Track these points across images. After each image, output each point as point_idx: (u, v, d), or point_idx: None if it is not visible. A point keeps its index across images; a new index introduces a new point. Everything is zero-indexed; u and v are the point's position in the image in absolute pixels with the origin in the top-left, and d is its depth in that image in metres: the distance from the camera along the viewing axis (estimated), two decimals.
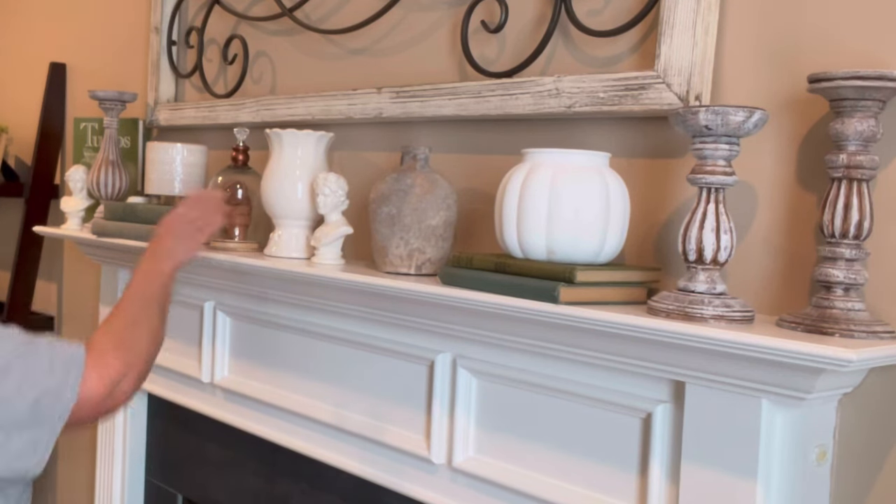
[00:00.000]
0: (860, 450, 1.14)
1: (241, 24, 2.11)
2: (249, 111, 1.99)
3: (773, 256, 1.22)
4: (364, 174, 1.75)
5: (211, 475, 1.98)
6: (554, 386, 1.29)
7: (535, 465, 1.33)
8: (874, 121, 1.07)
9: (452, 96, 1.55)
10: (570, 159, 1.24)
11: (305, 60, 1.95)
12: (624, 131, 1.38)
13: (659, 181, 1.34)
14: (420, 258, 1.44)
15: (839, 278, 1.07)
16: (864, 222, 1.07)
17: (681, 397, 1.14)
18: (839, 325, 1.04)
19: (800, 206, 1.19)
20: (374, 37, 1.78)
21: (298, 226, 1.65)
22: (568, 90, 1.39)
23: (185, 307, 1.99)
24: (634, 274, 1.25)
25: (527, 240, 1.23)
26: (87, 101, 2.27)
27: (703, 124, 1.07)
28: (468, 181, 1.58)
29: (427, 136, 1.65)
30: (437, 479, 1.46)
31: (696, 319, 1.07)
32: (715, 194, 1.10)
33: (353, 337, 1.58)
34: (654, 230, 1.35)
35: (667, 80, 1.28)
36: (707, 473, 1.11)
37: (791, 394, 1.03)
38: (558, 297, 1.16)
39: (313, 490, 1.73)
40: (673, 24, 1.27)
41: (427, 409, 1.47)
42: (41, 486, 2.83)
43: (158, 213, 1.88)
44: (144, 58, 2.40)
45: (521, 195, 1.23)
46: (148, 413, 2.19)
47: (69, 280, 2.79)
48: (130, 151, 2.35)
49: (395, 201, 1.44)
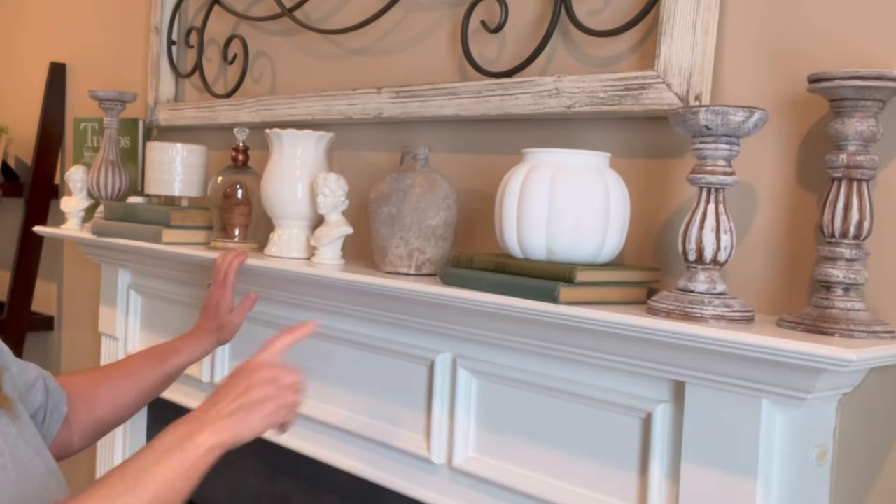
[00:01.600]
0: (860, 450, 1.14)
1: (241, 24, 2.11)
2: (249, 111, 1.99)
3: (773, 256, 1.22)
4: (364, 174, 1.75)
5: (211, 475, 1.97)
6: (554, 386, 1.29)
7: (535, 465, 1.33)
8: (874, 121, 1.07)
9: (452, 96, 1.55)
10: (570, 159, 1.24)
11: (305, 60, 1.95)
12: (624, 131, 1.38)
13: (659, 181, 1.34)
14: (420, 258, 1.44)
15: (839, 278, 1.07)
16: (864, 222, 1.07)
17: (681, 397, 1.14)
18: (839, 325, 1.04)
19: (800, 206, 1.19)
20: (374, 37, 1.78)
21: (298, 226, 1.65)
22: (568, 90, 1.39)
23: (184, 307, 1.99)
24: (634, 274, 1.25)
25: (527, 240, 1.23)
26: (87, 101, 2.27)
27: (703, 124, 1.07)
28: (468, 181, 1.57)
29: (427, 136, 1.65)
30: (437, 479, 1.46)
31: (696, 319, 1.07)
32: (715, 194, 1.10)
33: (353, 337, 1.58)
34: (654, 230, 1.35)
35: (667, 80, 1.28)
36: (707, 473, 1.11)
37: (791, 394, 1.03)
38: (558, 297, 1.16)
39: (313, 490, 1.73)
40: (673, 24, 1.27)
41: (427, 409, 1.47)
42: None
43: (158, 213, 1.89)
44: (144, 58, 2.40)
45: (521, 195, 1.23)
46: (148, 413, 2.19)
47: (69, 280, 2.79)
48: (130, 151, 2.35)
49: (395, 201, 1.44)
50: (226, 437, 0.99)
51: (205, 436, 0.98)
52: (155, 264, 2.00)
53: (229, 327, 1.53)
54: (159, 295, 2.09)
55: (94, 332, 2.38)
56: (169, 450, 0.97)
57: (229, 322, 1.53)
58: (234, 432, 1.00)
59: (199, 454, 0.98)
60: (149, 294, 2.13)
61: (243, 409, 1.02)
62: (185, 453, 0.97)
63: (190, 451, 0.97)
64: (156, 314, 2.12)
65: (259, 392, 1.04)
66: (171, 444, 0.97)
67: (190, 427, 0.99)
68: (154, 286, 2.10)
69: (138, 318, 2.18)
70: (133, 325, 2.18)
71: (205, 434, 0.98)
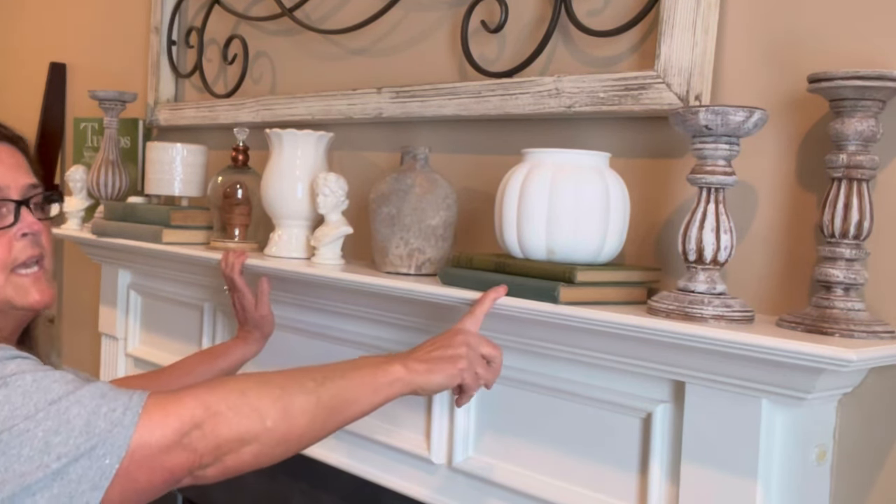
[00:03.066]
0: (860, 450, 1.14)
1: (241, 24, 2.11)
2: (249, 111, 1.99)
3: (773, 256, 1.22)
4: (364, 174, 1.75)
5: None
6: (554, 386, 1.29)
7: (535, 465, 1.33)
8: (874, 121, 1.07)
9: (452, 96, 1.55)
10: (570, 159, 1.24)
11: (305, 60, 1.94)
12: (624, 131, 1.38)
13: (659, 181, 1.34)
14: (420, 258, 1.44)
15: (839, 278, 1.07)
16: (863, 222, 1.07)
17: (681, 397, 1.14)
18: (839, 325, 1.04)
19: (800, 206, 1.19)
20: (374, 37, 1.78)
21: (298, 226, 1.65)
22: (568, 90, 1.39)
23: (183, 307, 1.99)
24: (634, 274, 1.25)
25: (527, 240, 1.23)
26: (87, 101, 2.27)
27: (703, 124, 1.07)
28: (468, 181, 1.57)
29: (427, 136, 1.65)
30: (437, 479, 1.46)
31: (696, 319, 1.07)
32: (715, 194, 1.10)
33: (354, 337, 1.58)
34: (654, 230, 1.35)
35: (667, 80, 1.28)
36: (707, 473, 1.11)
37: (791, 394, 1.03)
38: (558, 297, 1.16)
39: (313, 490, 1.73)
40: (673, 24, 1.27)
41: (427, 409, 1.47)
42: None
43: (158, 213, 1.89)
44: (144, 58, 2.40)
45: (521, 195, 1.23)
46: None
47: (69, 280, 2.79)
48: (130, 151, 2.35)
49: (395, 201, 1.43)
50: (415, 378, 1.08)
51: (397, 367, 1.07)
52: (155, 264, 2.00)
53: (264, 321, 1.58)
54: (159, 295, 2.09)
55: (94, 332, 2.38)
56: (363, 367, 1.06)
57: (261, 318, 1.58)
58: (422, 377, 1.09)
59: (388, 380, 1.06)
60: (149, 294, 2.13)
61: (437, 360, 1.11)
62: (377, 372, 1.05)
63: (381, 374, 1.06)
64: (156, 314, 2.12)
65: (455, 350, 1.13)
66: (366, 363, 1.07)
67: (389, 358, 1.10)
68: (154, 286, 2.10)
69: (138, 318, 2.18)
70: (133, 325, 2.18)
71: (398, 366, 1.07)
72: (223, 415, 0.93)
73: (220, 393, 0.94)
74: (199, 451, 0.91)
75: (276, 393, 0.97)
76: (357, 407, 1.04)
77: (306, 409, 0.99)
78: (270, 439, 0.96)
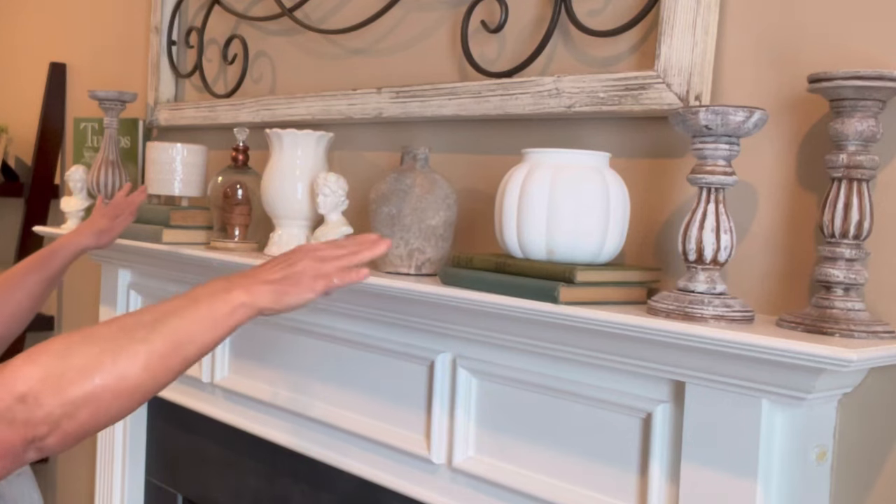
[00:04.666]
0: (860, 450, 1.14)
1: (241, 24, 2.11)
2: (249, 111, 1.99)
3: (773, 256, 1.22)
4: (364, 174, 1.75)
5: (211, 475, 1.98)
6: (554, 386, 1.29)
7: (535, 465, 1.33)
8: (874, 121, 1.07)
9: (452, 96, 1.55)
10: (570, 159, 1.24)
11: (305, 60, 1.95)
12: (624, 131, 1.38)
13: (659, 181, 1.34)
14: (420, 258, 1.45)
15: (839, 278, 1.07)
16: (864, 222, 1.07)
17: (681, 397, 1.14)
18: (839, 325, 1.04)
19: (800, 206, 1.19)
20: (374, 37, 1.78)
21: (298, 226, 1.65)
22: (568, 90, 1.39)
23: None
24: (634, 274, 1.25)
25: (527, 240, 1.23)
26: (87, 101, 2.27)
27: (703, 124, 1.07)
28: (468, 181, 1.58)
29: (427, 136, 1.65)
30: (437, 479, 1.46)
31: (696, 319, 1.07)
32: (715, 194, 1.10)
33: (353, 337, 1.58)
34: (654, 230, 1.35)
35: (667, 80, 1.28)
36: (707, 473, 1.11)
37: (791, 394, 1.03)
38: (558, 297, 1.16)
39: (313, 490, 1.73)
40: (673, 24, 1.27)
41: (427, 409, 1.47)
42: (41, 486, 2.83)
43: (158, 213, 1.89)
44: (144, 58, 2.40)
45: (521, 195, 1.23)
46: (148, 413, 2.19)
47: (69, 280, 2.79)
48: (130, 151, 2.35)
49: (395, 201, 1.44)
50: (262, 300, 0.99)
51: (238, 292, 0.97)
52: (155, 264, 2.00)
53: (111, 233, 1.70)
54: (159, 295, 2.08)
55: None
56: (197, 299, 0.96)
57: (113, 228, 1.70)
58: (269, 297, 1.00)
59: (228, 309, 0.96)
60: (149, 294, 2.13)
61: (287, 279, 1.01)
62: (215, 304, 0.96)
63: (220, 304, 0.96)
64: None
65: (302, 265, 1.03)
66: (201, 295, 0.96)
67: (227, 283, 0.98)
68: (154, 286, 2.10)
69: None
70: None
71: (239, 291, 0.97)
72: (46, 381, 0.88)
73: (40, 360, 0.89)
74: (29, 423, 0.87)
75: (101, 347, 0.91)
76: (195, 346, 0.96)
77: (137, 359, 0.92)
78: (104, 397, 0.90)
